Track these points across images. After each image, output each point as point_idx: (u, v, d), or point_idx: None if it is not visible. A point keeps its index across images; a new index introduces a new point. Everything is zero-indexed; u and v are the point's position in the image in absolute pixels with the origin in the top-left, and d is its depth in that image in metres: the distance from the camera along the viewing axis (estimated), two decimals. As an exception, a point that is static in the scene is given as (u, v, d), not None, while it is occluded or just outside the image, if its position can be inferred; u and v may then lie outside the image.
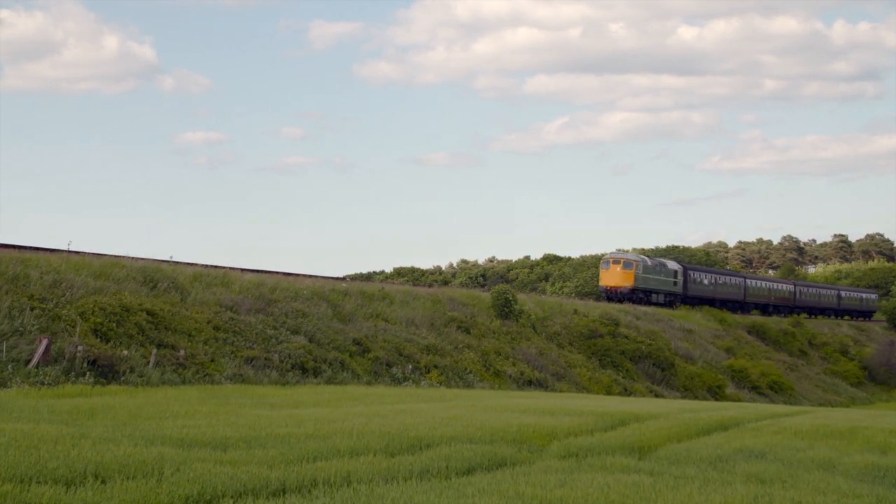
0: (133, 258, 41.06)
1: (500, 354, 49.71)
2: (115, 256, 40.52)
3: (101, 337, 31.39)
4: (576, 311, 65.95)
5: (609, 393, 50.99)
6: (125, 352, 30.77)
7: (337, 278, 56.11)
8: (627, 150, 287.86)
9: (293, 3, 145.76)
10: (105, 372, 29.10)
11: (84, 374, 28.35)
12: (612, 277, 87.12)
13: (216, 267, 45.53)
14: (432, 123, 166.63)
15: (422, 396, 32.81)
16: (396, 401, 29.74)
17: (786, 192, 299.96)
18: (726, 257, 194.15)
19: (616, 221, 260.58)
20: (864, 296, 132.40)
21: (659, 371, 60.70)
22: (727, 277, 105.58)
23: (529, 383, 47.53)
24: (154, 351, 31.76)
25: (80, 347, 29.20)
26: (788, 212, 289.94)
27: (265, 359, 35.45)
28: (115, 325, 32.35)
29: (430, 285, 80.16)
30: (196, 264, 44.88)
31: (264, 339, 37.37)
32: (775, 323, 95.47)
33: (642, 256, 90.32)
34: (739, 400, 60.00)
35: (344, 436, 19.31)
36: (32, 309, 30.65)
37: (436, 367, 43.16)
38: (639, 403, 35.55)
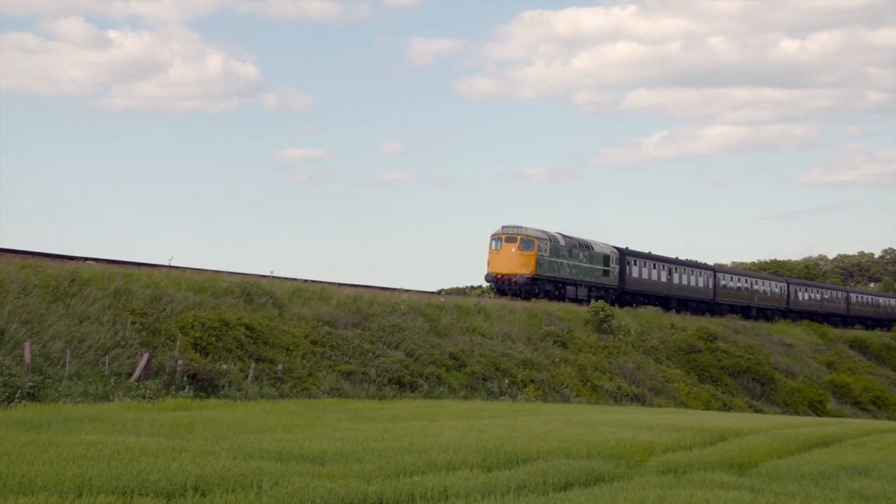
0: (232, 273, 41.47)
1: (597, 369, 49.44)
2: (215, 271, 40.97)
3: (200, 351, 31.73)
4: (673, 326, 65.42)
5: (708, 408, 50.49)
6: (224, 366, 31.08)
7: (433, 292, 56.24)
8: (727, 163, 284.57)
9: (394, 21, 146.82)
10: (204, 386, 29.41)
11: (184, 388, 28.68)
12: (504, 261, 63.25)
13: (314, 282, 45.87)
14: (531, 138, 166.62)
15: (518, 411, 32.74)
16: (493, 415, 29.69)
17: (889, 205, 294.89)
18: (826, 270, 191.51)
19: (716, 235, 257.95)
20: (882, 301, 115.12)
21: (758, 386, 60.02)
22: (689, 271, 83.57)
23: (627, 398, 47.19)
24: (253, 365, 32.02)
25: (180, 361, 29.54)
26: (891, 224, 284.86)
27: (362, 373, 35.58)
28: (214, 339, 32.68)
29: (527, 299, 77.93)
30: (295, 279, 45.25)
31: (361, 354, 37.52)
32: (878, 337, 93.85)
33: (551, 233, 65.36)
34: (841, 415, 59.13)
35: (441, 450, 19.31)
36: (134, 323, 31.08)
37: (532, 381, 43.04)
38: (738, 419, 35.15)
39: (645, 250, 78.23)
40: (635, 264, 75.52)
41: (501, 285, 63.25)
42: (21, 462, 15.45)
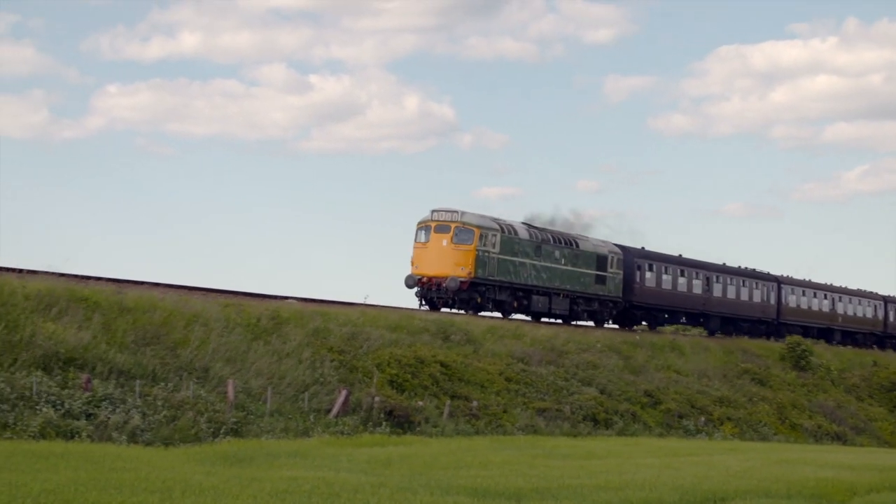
0: (427, 311, 41.92)
1: (795, 407, 48.47)
2: (410, 310, 41.48)
3: (396, 388, 32.13)
4: (875, 363, 63.65)
5: (913, 448, 49.00)
6: (420, 402, 31.44)
7: (627, 330, 55.88)
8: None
9: (588, 60, 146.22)
10: (401, 422, 29.78)
11: (380, 424, 29.10)
12: (431, 259, 45.69)
13: (510, 320, 46.04)
14: (727, 174, 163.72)
15: (715, 449, 32.32)
16: (689, 453, 29.38)
17: None
18: None
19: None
20: None
21: (967, 425, 57.92)
22: (738, 281, 65.73)
23: (827, 437, 46.16)
24: (448, 402, 32.30)
25: (376, 398, 29.98)
26: None
27: (556, 410, 35.56)
28: (409, 376, 33.05)
29: (721, 336, 63.62)
30: (490, 317, 45.52)
31: (555, 391, 37.50)
32: None
33: (506, 222, 48.82)
34: None
35: (636, 488, 19.22)
36: (332, 360, 31.65)
37: (729, 419, 42.44)
38: (945, 459, 34.03)
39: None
40: (650, 269, 58.25)
41: (427, 292, 45.59)
42: (226, 496, 15.92)
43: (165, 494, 15.76)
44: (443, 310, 44.87)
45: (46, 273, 30.11)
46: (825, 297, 74.13)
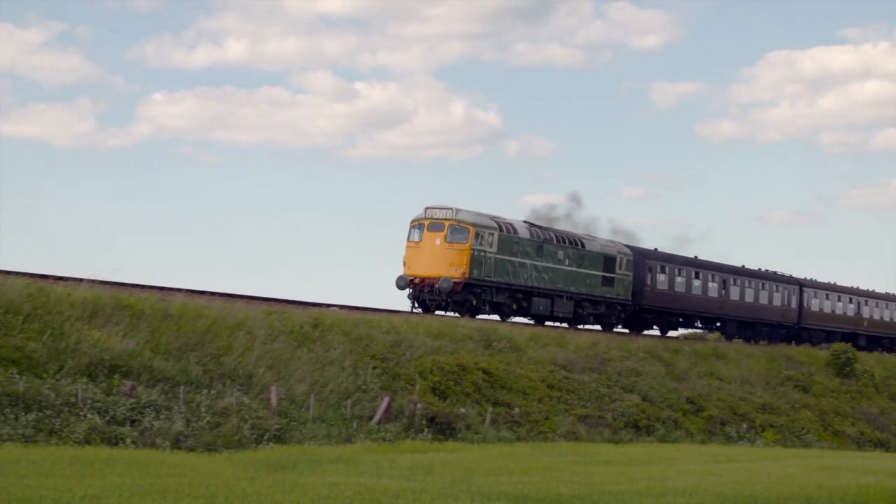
0: (469, 319, 42.08)
1: (838, 414, 48.30)
2: (454, 317, 41.60)
3: (438, 395, 32.25)
4: (920, 370, 63.27)
5: (959, 455, 48.65)
6: (462, 409, 31.55)
7: (670, 337, 55.78)
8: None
9: (636, 66, 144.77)
10: (442, 429, 29.90)
11: (422, 431, 29.23)
12: (424, 259, 43.93)
13: (553, 328, 46.11)
14: (774, 181, 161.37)
15: (757, 455, 32.27)
16: (730, 460, 29.35)
17: None
18: None
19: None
20: None
21: None
22: (756, 284, 63.09)
23: (870, 443, 45.97)
24: (490, 409, 32.41)
25: (418, 405, 30.13)
26: None
27: (598, 417, 35.59)
28: (452, 383, 33.17)
29: (766, 343, 61.83)
30: (533, 325, 45.65)
31: (597, 398, 37.54)
32: None
33: (505, 220, 46.90)
34: None
35: (677, 494, 19.25)
36: (374, 368, 31.81)
37: (771, 426, 42.34)
38: None
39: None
40: (662, 271, 55.93)
41: (420, 294, 43.67)
42: (269, 502, 16.07)
43: (209, 500, 15.93)
44: (437, 312, 43.27)
45: (92, 281, 30.40)
46: (850, 301, 71.36)
